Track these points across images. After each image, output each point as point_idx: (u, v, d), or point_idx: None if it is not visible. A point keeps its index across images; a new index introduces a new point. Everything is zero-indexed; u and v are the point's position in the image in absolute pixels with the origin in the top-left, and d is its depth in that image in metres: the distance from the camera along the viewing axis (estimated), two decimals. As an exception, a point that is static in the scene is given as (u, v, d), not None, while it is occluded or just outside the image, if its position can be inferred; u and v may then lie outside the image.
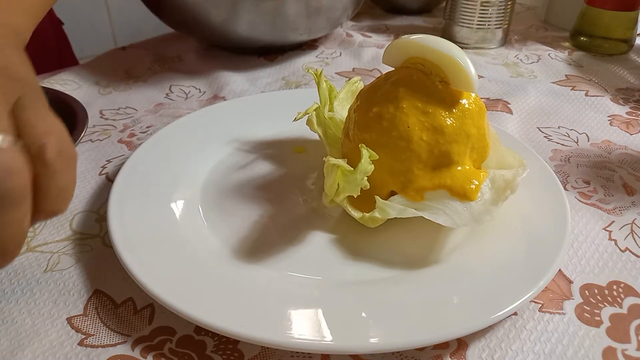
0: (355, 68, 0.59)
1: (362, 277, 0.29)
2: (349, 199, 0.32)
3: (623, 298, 0.28)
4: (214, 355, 0.25)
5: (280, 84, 0.55)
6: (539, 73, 0.57)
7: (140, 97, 0.52)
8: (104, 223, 0.34)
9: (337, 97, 0.38)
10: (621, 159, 0.41)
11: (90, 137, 0.45)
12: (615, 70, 0.57)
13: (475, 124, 0.31)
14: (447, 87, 0.30)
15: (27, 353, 0.25)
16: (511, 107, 0.49)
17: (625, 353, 0.25)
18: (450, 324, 0.25)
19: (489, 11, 0.61)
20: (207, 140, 0.41)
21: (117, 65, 0.59)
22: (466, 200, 0.29)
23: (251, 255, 0.30)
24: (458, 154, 0.30)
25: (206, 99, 0.52)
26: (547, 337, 0.26)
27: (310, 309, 0.26)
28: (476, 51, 0.63)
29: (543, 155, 0.41)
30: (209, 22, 0.53)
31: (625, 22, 0.60)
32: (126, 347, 0.26)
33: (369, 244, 0.31)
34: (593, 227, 0.34)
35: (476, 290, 0.27)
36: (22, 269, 0.31)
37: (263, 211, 0.34)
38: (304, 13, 0.54)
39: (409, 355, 0.25)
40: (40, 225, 0.34)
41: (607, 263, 0.31)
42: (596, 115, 0.48)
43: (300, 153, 0.41)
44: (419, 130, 0.29)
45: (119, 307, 0.28)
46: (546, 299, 0.28)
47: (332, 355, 0.25)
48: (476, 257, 0.30)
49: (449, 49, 0.30)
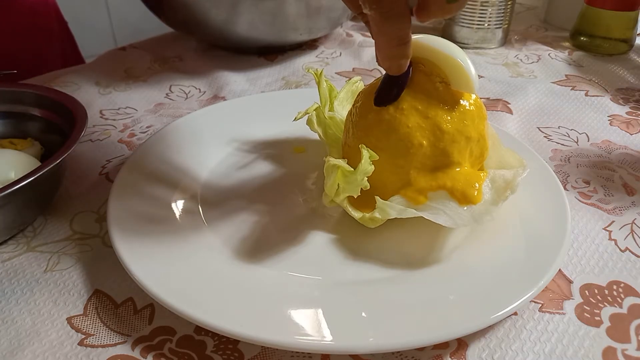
0: (355, 68, 0.59)
1: (362, 277, 0.29)
2: (349, 199, 0.32)
3: (623, 298, 0.28)
4: (214, 355, 0.25)
5: (280, 84, 0.55)
6: (539, 73, 0.57)
7: (140, 97, 0.52)
8: (104, 223, 0.34)
9: (337, 97, 0.38)
10: (621, 159, 0.41)
11: (90, 137, 0.45)
12: (615, 70, 0.57)
13: (475, 125, 0.31)
14: (447, 88, 0.30)
15: (27, 353, 0.25)
16: (511, 107, 0.49)
17: (625, 353, 0.25)
18: (450, 324, 0.25)
19: (489, 11, 0.61)
20: (207, 140, 0.41)
21: (117, 65, 0.59)
22: (468, 204, 0.29)
23: (251, 255, 0.30)
24: (458, 155, 0.30)
25: (206, 99, 0.52)
26: (547, 337, 0.26)
27: (310, 309, 0.26)
28: (476, 51, 0.63)
29: (543, 155, 0.41)
30: (209, 22, 0.53)
31: (625, 22, 0.60)
32: (126, 347, 0.26)
33: (369, 244, 0.31)
34: (593, 227, 0.34)
35: (476, 290, 0.27)
36: (22, 269, 0.31)
37: (263, 211, 0.34)
38: (304, 13, 0.54)
39: (409, 355, 0.25)
40: (40, 225, 0.34)
41: (607, 263, 0.31)
42: (596, 115, 0.48)
43: (300, 153, 0.41)
44: (418, 131, 0.29)
45: (119, 307, 0.28)
46: (546, 299, 0.28)
47: (332, 355, 0.25)
48: (476, 257, 0.30)
49: (450, 49, 0.30)
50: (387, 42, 0.27)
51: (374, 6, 0.25)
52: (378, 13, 0.25)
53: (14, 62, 0.57)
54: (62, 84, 0.54)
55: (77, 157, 0.42)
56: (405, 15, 0.26)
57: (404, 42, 0.27)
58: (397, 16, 0.26)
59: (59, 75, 0.56)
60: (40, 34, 0.38)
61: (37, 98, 0.39)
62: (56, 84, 0.53)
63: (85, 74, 0.57)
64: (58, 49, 0.70)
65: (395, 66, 0.29)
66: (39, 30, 0.64)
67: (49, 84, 0.53)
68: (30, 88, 0.39)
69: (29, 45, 0.64)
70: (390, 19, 0.26)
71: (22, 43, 0.63)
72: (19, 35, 0.62)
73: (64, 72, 0.57)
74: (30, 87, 0.40)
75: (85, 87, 0.54)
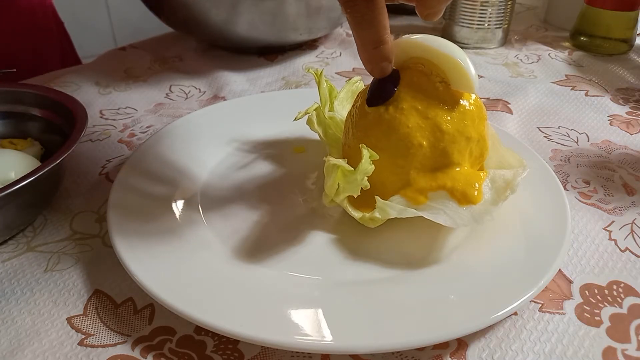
0: (355, 68, 0.59)
1: (362, 277, 0.29)
2: (349, 199, 0.32)
3: (623, 298, 0.28)
4: (214, 355, 0.25)
5: (280, 84, 0.55)
6: (539, 73, 0.57)
7: (140, 97, 0.52)
8: (104, 223, 0.34)
9: (337, 97, 0.38)
10: (621, 159, 0.41)
11: (90, 137, 0.45)
12: (615, 70, 0.57)
13: (475, 125, 0.31)
14: (447, 88, 0.30)
15: (27, 353, 0.25)
16: (511, 107, 0.49)
17: (625, 353, 0.25)
18: (450, 324, 0.25)
19: (489, 11, 0.61)
20: (207, 140, 0.41)
21: (117, 65, 0.59)
22: (469, 205, 0.29)
23: (251, 255, 0.30)
24: (458, 156, 0.30)
25: (206, 99, 0.52)
26: (547, 337, 0.26)
27: (310, 309, 0.26)
28: (476, 51, 0.63)
29: (543, 155, 0.41)
30: (209, 22, 0.53)
31: (625, 22, 0.60)
32: (126, 347, 0.26)
33: (369, 244, 0.31)
34: (593, 227, 0.34)
35: (476, 290, 0.27)
36: (22, 269, 0.31)
37: (263, 211, 0.34)
38: (304, 13, 0.54)
39: (409, 355, 0.25)
40: (40, 225, 0.34)
41: (607, 263, 0.31)
42: (596, 115, 0.48)
43: (300, 153, 0.41)
44: (418, 131, 0.29)
45: (119, 307, 0.28)
46: (546, 299, 0.28)
47: (332, 355, 0.25)
48: (476, 257, 0.30)
49: (450, 49, 0.30)
50: (362, 46, 0.27)
51: (348, 10, 0.25)
52: (351, 17, 0.26)
53: (13, 62, 0.57)
54: (62, 84, 0.54)
55: (77, 157, 0.42)
56: (379, 20, 0.26)
57: (379, 45, 0.27)
58: (371, 20, 0.26)
59: (59, 75, 0.56)
60: (39, 34, 0.38)
61: (37, 98, 0.39)
62: (56, 84, 0.53)
63: (85, 74, 0.57)
64: (57, 49, 0.70)
65: (377, 69, 0.29)
66: (38, 30, 0.64)
67: (49, 84, 0.53)
68: (30, 88, 0.39)
69: (28, 45, 0.64)
70: (363, 23, 0.26)
71: (21, 43, 0.63)
72: (18, 35, 0.62)
73: (64, 72, 0.57)
74: (30, 87, 0.40)
75: (85, 87, 0.54)
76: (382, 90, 0.31)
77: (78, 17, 1.40)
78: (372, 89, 0.31)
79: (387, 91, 0.30)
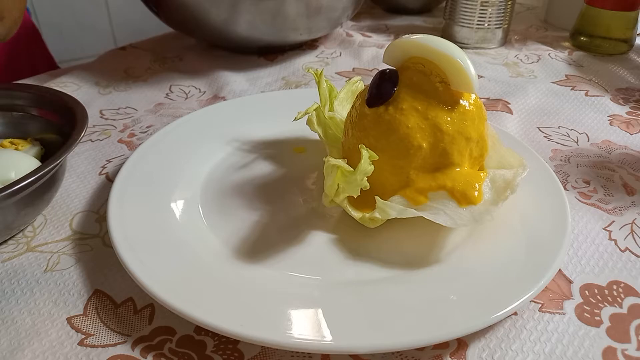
0: (355, 68, 0.59)
1: (362, 277, 0.29)
2: (349, 199, 0.32)
3: (623, 298, 0.28)
4: (214, 355, 0.25)
5: (280, 84, 0.55)
6: (539, 73, 0.57)
7: (140, 97, 0.52)
8: (104, 223, 0.34)
9: (337, 97, 0.38)
10: (621, 159, 0.41)
11: (90, 137, 0.45)
12: (615, 70, 0.57)
13: (475, 125, 0.31)
14: (447, 88, 0.30)
15: (27, 353, 0.25)
16: (511, 107, 0.49)
17: (625, 353, 0.25)
18: (450, 324, 0.25)
19: (489, 11, 0.61)
20: (207, 140, 0.41)
21: (117, 65, 0.59)
22: (469, 205, 0.29)
23: (251, 255, 0.30)
24: (458, 156, 0.30)
25: (206, 99, 0.52)
26: (547, 337, 0.26)
27: (310, 309, 0.26)
28: (476, 51, 0.63)
29: (543, 155, 0.41)
30: (209, 22, 0.53)
31: (625, 22, 0.60)
32: (126, 347, 0.26)
33: (369, 244, 0.31)
34: (593, 227, 0.34)
35: (476, 290, 0.27)
36: (22, 269, 0.31)
37: (263, 211, 0.34)
38: (304, 13, 0.54)
39: (409, 355, 0.25)
40: (40, 225, 0.34)
41: (607, 263, 0.31)
42: (596, 115, 0.48)
43: (300, 153, 0.41)
44: (418, 132, 0.29)
45: (119, 307, 0.28)
46: (546, 299, 0.28)
47: (332, 355, 0.25)
48: (476, 257, 0.30)
49: (449, 49, 0.30)
50: None
51: None
52: None
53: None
54: (62, 84, 0.54)
55: (77, 157, 0.42)
56: None
57: None
58: None
59: (59, 75, 0.56)
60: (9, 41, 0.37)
61: (37, 98, 0.39)
62: (56, 84, 0.53)
63: (85, 74, 0.57)
64: (24, 55, 0.69)
65: None
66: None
67: (49, 84, 0.53)
68: (30, 88, 0.39)
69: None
70: None
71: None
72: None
73: (64, 72, 0.57)
74: (30, 87, 0.40)
75: (85, 87, 0.54)
76: (381, 90, 0.31)
77: (78, 17, 1.40)
78: (371, 90, 0.31)
79: (386, 91, 0.30)
